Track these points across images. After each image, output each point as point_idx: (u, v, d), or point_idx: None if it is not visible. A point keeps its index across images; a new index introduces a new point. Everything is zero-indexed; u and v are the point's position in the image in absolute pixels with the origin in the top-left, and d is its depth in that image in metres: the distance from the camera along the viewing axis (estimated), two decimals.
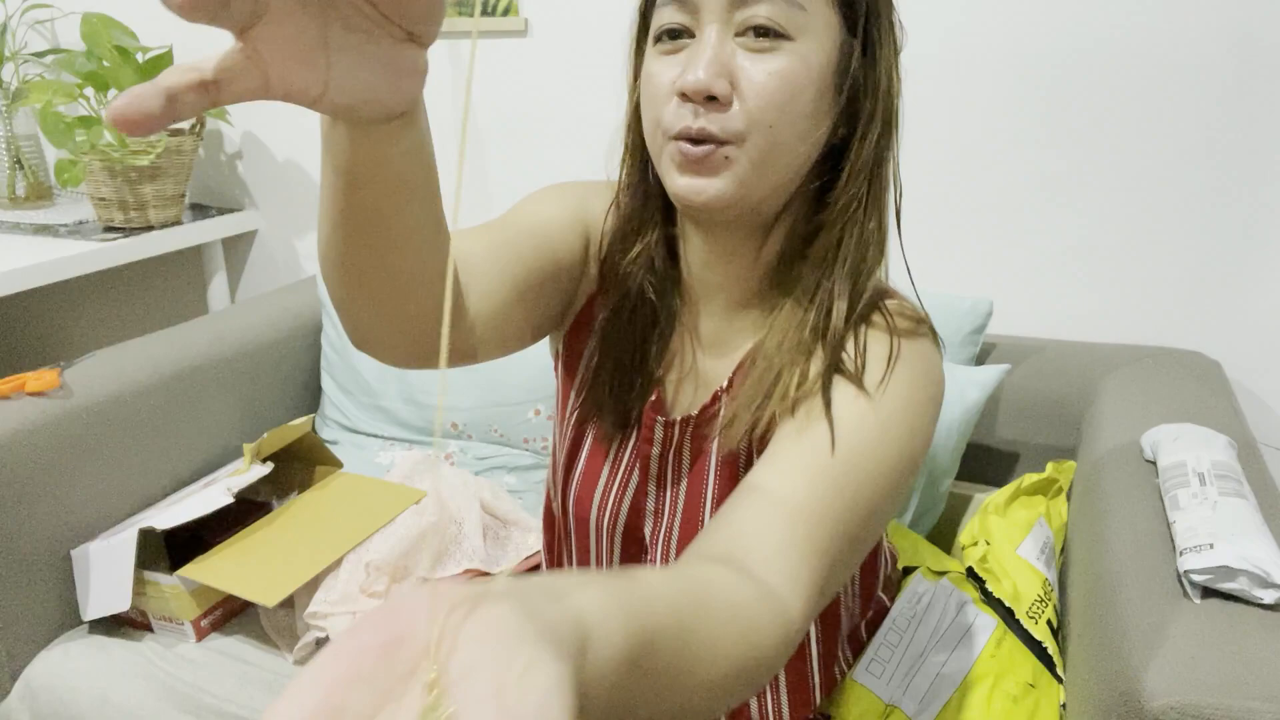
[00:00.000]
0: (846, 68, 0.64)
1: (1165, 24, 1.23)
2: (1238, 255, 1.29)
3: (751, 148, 0.63)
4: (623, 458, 0.79)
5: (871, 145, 0.65)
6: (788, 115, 0.62)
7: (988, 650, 0.93)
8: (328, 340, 1.60)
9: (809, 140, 0.65)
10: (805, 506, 0.60)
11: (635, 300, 0.74)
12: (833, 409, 0.65)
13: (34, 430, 1.18)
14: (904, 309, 0.71)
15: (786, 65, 0.61)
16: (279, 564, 1.15)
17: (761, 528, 0.58)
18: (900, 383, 0.66)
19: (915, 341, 0.69)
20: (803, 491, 0.61)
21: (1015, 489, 1.13)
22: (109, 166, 1.64)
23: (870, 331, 0.69)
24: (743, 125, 0.62)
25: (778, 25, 0.61)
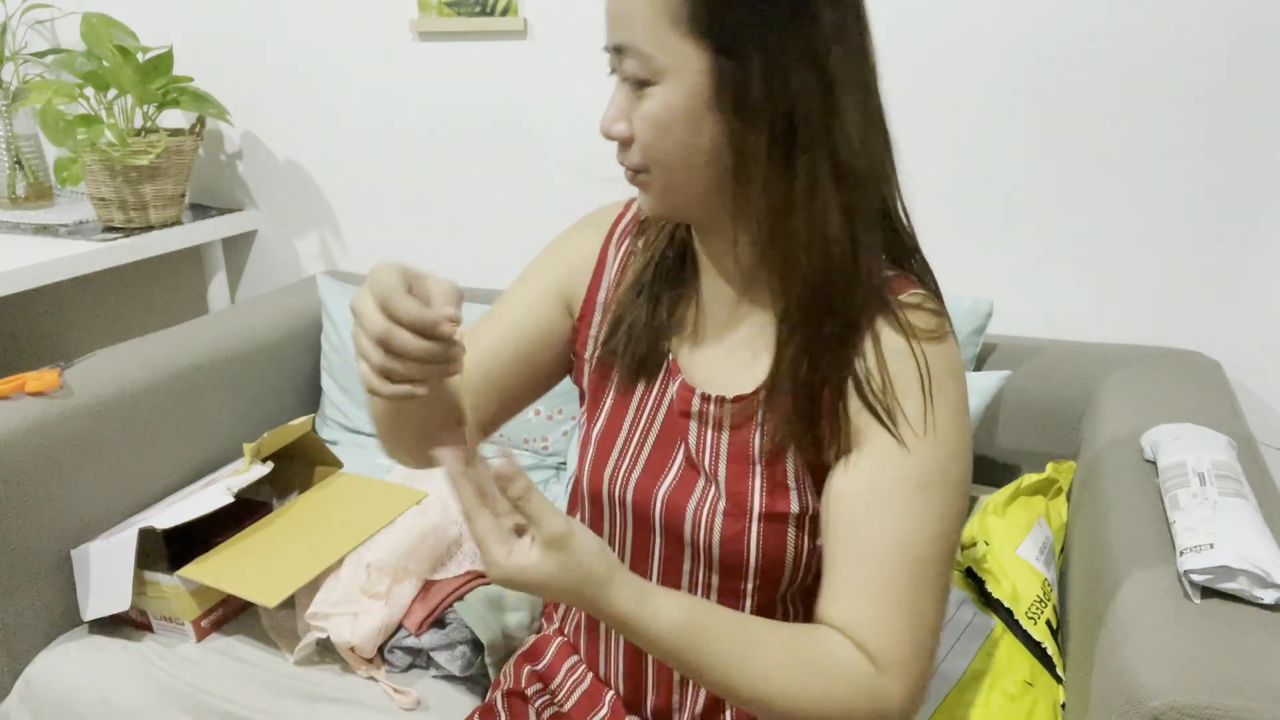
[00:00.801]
0: (729, 90, 0.66)
1: (1165, 24, 1.23)
2: (1238, 255, 1.29)
3: (655, 176, 0.70)
4: (638, 425, 0.82)
5: (762, 154, 0.67)
6: (667, 149, 0.68)
7: (985, 649, 0.93)
8: (328, 340, 1.60)
9: (705, 162, 0.68)
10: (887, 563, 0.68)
11: (659, 270, 0.80)
12: (882, 455, 0.70)
13: (34, 430, 1.18)
14: (923, 304, 0.72)
15: (653, 108, 0.67)
16: (279, 564, 1.15)
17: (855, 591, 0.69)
18: (942, 412, 0.70)
19: (939, 347, 0.71)
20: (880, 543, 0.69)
21: (1015, 489, 1.13)
22: (109, 166, 1.64)
23: (888, 353, 0.70)
24: (640, 160, 0.70)
25: (640, 75, 0.67)
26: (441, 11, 1.61)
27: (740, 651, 0.67)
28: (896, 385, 0.70)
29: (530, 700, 0.93)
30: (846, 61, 0.67)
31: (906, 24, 1.35)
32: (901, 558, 0.68)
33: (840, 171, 0.68)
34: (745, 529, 0.75)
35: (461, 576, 1.18)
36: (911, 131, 1.39)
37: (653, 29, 0.65)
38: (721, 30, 0.64)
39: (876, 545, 0.69)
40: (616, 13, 0.68)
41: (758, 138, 0.66)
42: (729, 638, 0.68)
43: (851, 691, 0.67)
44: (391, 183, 1.77)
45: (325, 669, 1.12)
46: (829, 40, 0.65)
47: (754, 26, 0.64)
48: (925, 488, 0.69)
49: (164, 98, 1.67)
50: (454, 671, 1.08)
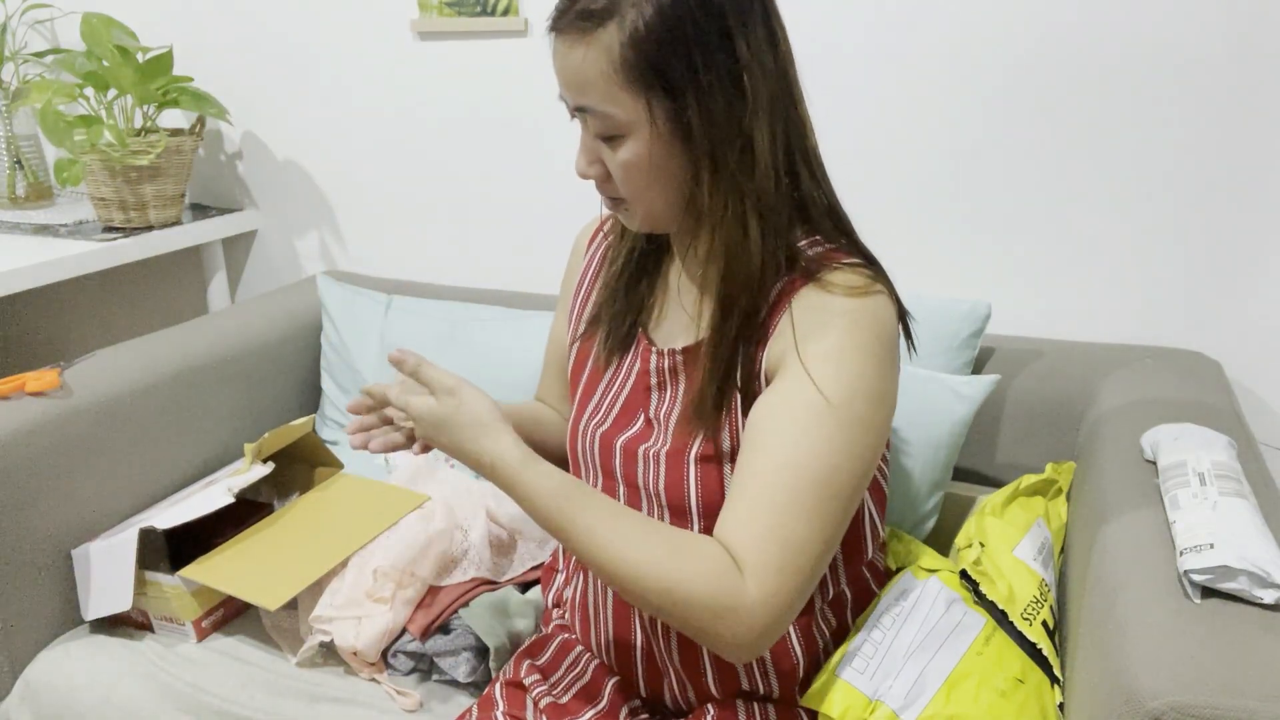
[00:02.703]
0: (677, 126, 0.75)
1: (1164, 23, 1.23)
2: (1238, 255, 1.29)
3: (635, 205, 0.81)
4: (610, 389, 0.92)
5: (705, 172, 0.76)
6: (643, 185, 0.78)
7: (975, 647, 0.93)
8: (328, 340, 1.61)
9: (675, 187, 0.79)
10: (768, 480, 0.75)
11: (632, 259, 0.93)
12: (791, 391, 0.77)
13: (34, 430, 1.18)
14: (855, 269, 0.80)
15: (626, 157, 0.77)
16: (281, 566, 1.15)
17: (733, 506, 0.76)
18: (850, 352, 0.76)
19: (860, 300, 0.77)
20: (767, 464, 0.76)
21: (1014, 490, 1.13)
22: (109, 166, 1.64)
23: (804, 308, 0.79)
24: (622, 194, 0.81)
25: (609, 133, 0.77)
26: (441, 11, 1.61)
27: (611, 521, 0.76)
28: (806, 328, 0.77)
29: (528, 690, 0.96)
30: (762, 83, 0.76)
31: (904, 24, 1.35)
32: (781, 476, 0.74)
33: (761, 187, 0.77)
34: (685, 473, 0.84)
35: (467, 583, 1.18)
36: (910, 132, 1.39)
37: (607, 92, 0.75)
38: (662, 78, 0.74)
39: (762, 464, 0.75)
40: (571, 80, 0.77)
41: (701, 159, 0.76)
42: (604, 507, 0.77)
43: (707, 576, 0.72)
44: (392, 183, 1.77)
45: (327, 670, 1.12)
46: (745, 67, 0.75)
47: (685, 68, 0.73)
48: (820, 417, 0.74)
49: (164, 98, 1.67)
50: (457, 677, 1.08)
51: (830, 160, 1.45)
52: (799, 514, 0.73)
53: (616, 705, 0.94)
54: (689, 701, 0.93)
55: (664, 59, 0.73)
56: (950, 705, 0.87)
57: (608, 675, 0.96)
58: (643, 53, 0.73)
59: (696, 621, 0.73)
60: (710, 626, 0.73)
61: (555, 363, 1.10)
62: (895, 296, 0.81)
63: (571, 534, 0.76)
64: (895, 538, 1.19)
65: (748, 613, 0.72)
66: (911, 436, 1.21)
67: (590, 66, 0.74)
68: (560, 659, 1.00)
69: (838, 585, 0.92)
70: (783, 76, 0.77)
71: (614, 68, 0.73)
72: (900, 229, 1.44)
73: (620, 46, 0.73)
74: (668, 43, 0.72)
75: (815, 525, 0.74)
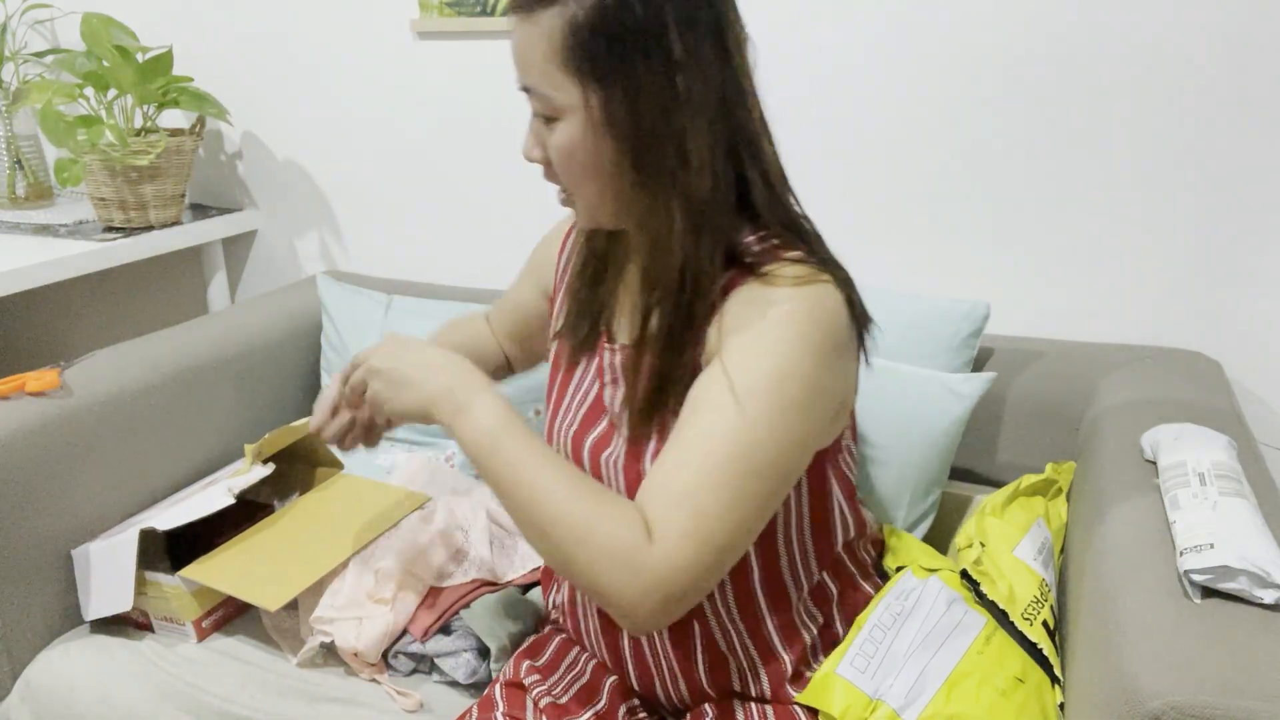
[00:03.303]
0: (606, 117, 0.77)
1: (1163, 22, 1.23)
2: (1238, 255, 1.29)
3: (575, 196, 0.83)
4: (579, 389, 0.94)
5: (629, 169, 0.78)
6: (578, 174, 0.80)
7: (975, 646, 0.93)
8: (328, 340, 1.60)
9: (609, 180, 0.80)
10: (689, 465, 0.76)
11: (591, 261, 0.95)
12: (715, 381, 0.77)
13: (34, 430, 1.18)
14: (799, 260, 0.80)
15: (559, 140, 0.79)
16: (281, 567, 1.15)
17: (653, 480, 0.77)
18: (779, 336, 0.76)
19: (798, 289, 0.78)
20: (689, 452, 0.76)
21: (1014, 490, 1.13)
22: (109, 166, 1.64)
23: (739, 301, 0.79)
24: (562, 182, 0.82)
25: (546, 112, 0.79)
26: (442, 11, 1.61)
27: (542, 459, 0.77)
28: (740, 318, 0.78)
29: (528, 690, 0.97)
30: (700, 86, 0.76)
31: (902, 24, 1.35)
32: (698, 446, 0.75)
33: (690, 186, 0.77)
34: (641, 472, 0.84)
35: (468, 584, 1.17)
36: (910, 132, 1.39)
37: (546, 72, 0.77)
38: (592, 67, 0.75)
39: (682, 438, 0.76)
40: (519, 58, 0.78)
41: (628, 153, 0.77)
42: (539, 453, 0.78)
43: (615, 528, 0.73)
44: (392, 182, 1.77)
45: (327, 671, 1.12)
46: (681, 69, 0.75)
47: (616, 61, 0.75)
48: (749, 396, 0.75)
49: (164, 98, 1.67)
50: (458, 679, 1.08)
51: (830, 160, 1.45)
52: (712, 486, 0.73)
53: (615, 705, 0.94)
54: (682, 698, 0.94)
55: (599, 49, 0.75)
56: (951, 704, 0.87)
57: (606, 675, 0.97)
58: (579, 40, 0.75)
59: (597, 580, 0.73)
60: (611, 588, 0.73)
61: (508, 303, 1.15)
62: (849, 292, 0.81)
63: (500, 482, 0.78)
64: (894, 536, 1.19)
65: (648, 572, 0.72)
66: (908, 434, 1.21)
67: (533, 47, 0.77)
68: (559, 659, 1.01)
69: (812, 575, 0.92)
70: (730, 81, 0.78)
71: (553, 50, 0.76)
72: (900, 229, 1.44)
73: (560, 30, 0.75)
74: (603, 34, 0.74)
75: (728, 499, 0.74)
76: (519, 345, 1.16)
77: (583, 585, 0.75)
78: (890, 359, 1.26)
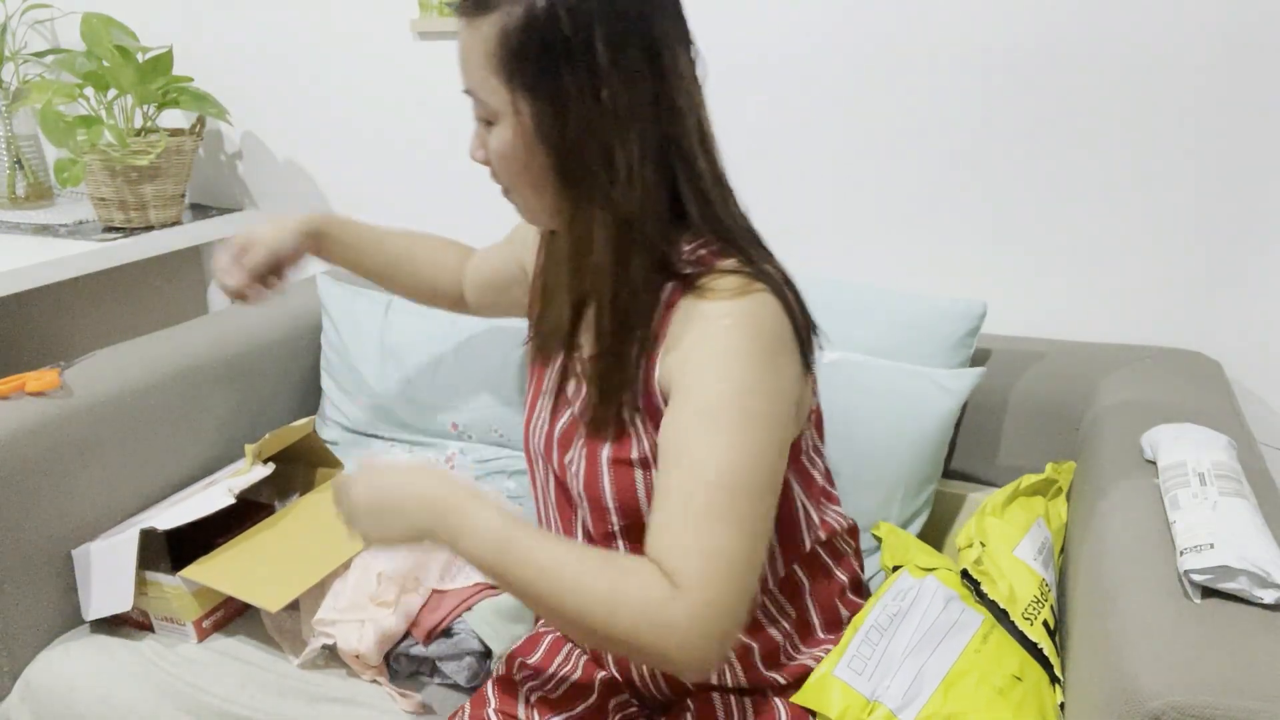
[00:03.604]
0: (534, 125, 0.79)
1: (1164, 22, 1.23)
2: (1238, 255, 1.29)
3: (514, 195, 0.86)
4: (547, 389, 0.95)
5: (556, 179, 0.80)
6: (514, 175, 0.83)
7: (973, 644, 0.93)
8: (328, 340, 1.60)
9: (539, 185, 0.82)
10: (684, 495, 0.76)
11: (548, 258, 0.97)
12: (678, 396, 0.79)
13: (34, 430, 1.18)
14: (733, 270, 0.81)
15: (496, 144, 0.81)
16: (282, 568, 1.15)
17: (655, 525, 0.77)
18: (732, 352, 0.78)
19: (736, 302, 0.79)
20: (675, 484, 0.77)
21: (1014, 490, 1.13)
22: (109, 166, 1.64)
23: (683, 318, 0.81)
24: (502, 181, 0.85)
25: (484, 116, 0.82)
26: (442, 11, 1.61)
27: (548, 574, 0.75)
28: (689, 339, 0.79)
29: (520, 686, 0.98)
30: (627, 100, 0.77)
31: (900, 23, 1.35)
32: (689, 487, 0.75)
33: (617, 197, 0.79)
34: (599, 473, 0.86)
35: (470, 587, 1.17)
36: (907, 130, 1.39)
37: (482, 78, 0.79)
38: (523, 74, 0.77)
39: (675, 478, 0.76)
40: (461, 61, 0.81)
41: (554, 164, 0.80)
42: (538, 558, 0.75)
43: (643, 600, 0.72)
44: (392, 182, 1.77)
45: (328, 671, 1.12)
46: (606, 82, 0.77)
47: (543, 70, 0.77)
48: (714, 421, 0.76)
49: (164, 98, 1.67)
50: (460, 681, 1.09)
51: (829, 159, 1.45)
52: (714, 520, 0.74)
53: (606, 700, 0.96)
54: (662, 690, 0.95)
55: (527, 59, 0.77)
56: (948, 704, 0.87)
57: (597, 671, 0.98)
58: (510, 48, 0.77)
59: (641, 644, 0.73)
60: (655, 646, 0.73)
61: (488, 256, 1.17)
62: (784, 298, 0.82)
63: (512, 588, 0.77)
64: (893, 534, 1.19)
65: (687, 625, 0.72)
66: (897, 431, 1.21)
67: (472, 51, 0.79)
68: (552, 657, 1.02)
69: (777, 572, 0.93)
70: (663, 95, 0.79)
71: (488, 56, 0.78)
72: (900, 228, 1.44)
73: (495, 38, 0.77)
74: (531, 44, 0.76)
75: (732, 527, 0.74)
76: (480, 295, 1.19)
77: (630, 654, 0.74)
78: (886, 358, 1.26)
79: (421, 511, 0.79)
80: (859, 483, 1.22)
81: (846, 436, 1.22)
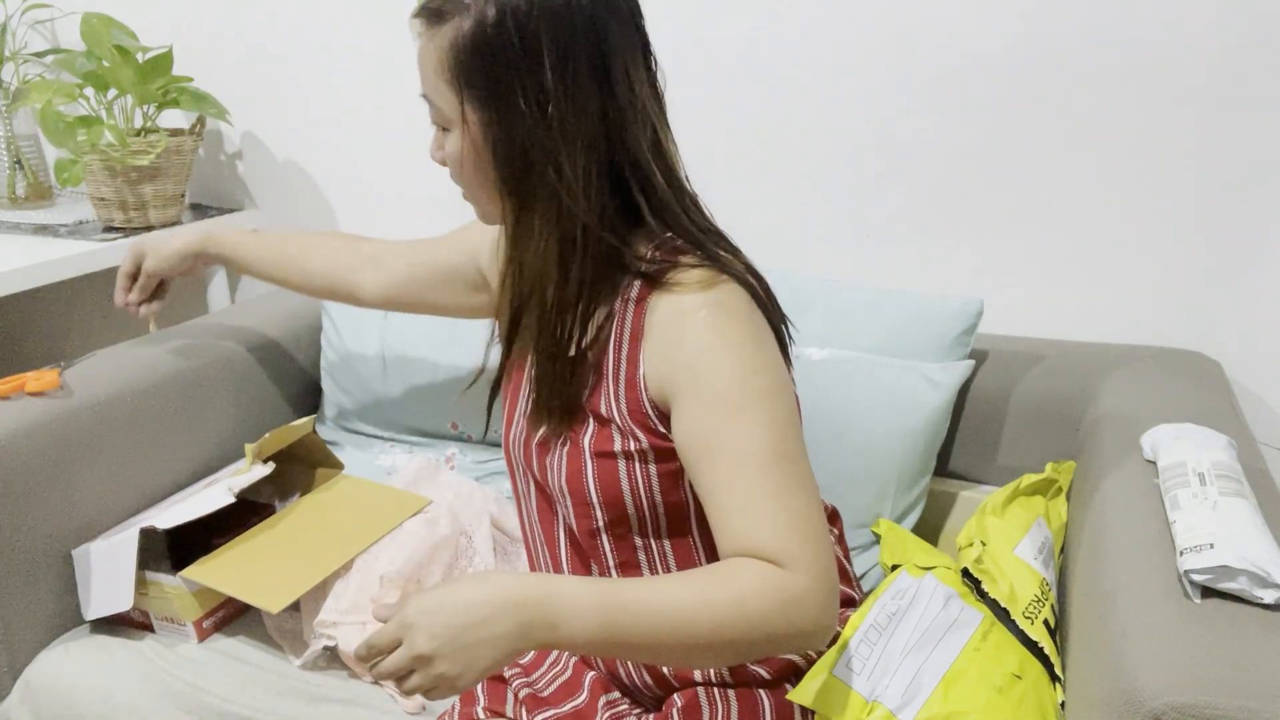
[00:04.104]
0: (484, 133, 0.81)
1: (1164, 21, 1.23)
2: (1238, 255, 1.29)
3: (470, 197, 0.89)
4: (522, 392, 0.95)
5: (501, 185, 0.82)
6: (468, 179, 0.86)
7: (972, 643, 0.93)
8: (328, 340, 1.60)
9: (493, 191, 0.84)
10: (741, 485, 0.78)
11: None
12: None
13: (34, 430, 1.18)
14: (696, 265, 0.83)
15: (451, 149, 0.85)
16: (283, 568, 1.15)
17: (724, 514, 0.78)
18: (720, 342, 0.79)
19: (708, 294, 0.81)
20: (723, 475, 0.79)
21: (1014, 489, 1.13)
22: (109, 166, 1.64)
23: (660, 318, 0.83)
24: (459, 183, 0.88)
25: (439, 122, 0.85)
26: None
27: (659, 629, 0.73)
28: (673, 338, 0.81)
29: (508, 682, 0.99)
30: (574, 113, 0.79)
31: (900, 22, 1.35)
32: (748, 473, 0.77)
33: (562, 208, 0.80)
34: (583, 467, 0.87)
35: None
36: (906, 128, 1.39)
37: (437, 86, 0.82)
38: (472, 85, 0.80)
39: (723, 473, 0.77)
40: (419, 66, 0.84)
41: (500, 173, 0.82)
42: (643, 618, 0.73)
43: (764, 592, 0.73)
44: (392, 183, 1.77)
45: (329, 672, 1.12)
46: (553, 97, 0.78)
47: (491, 79, 0.79)
48: (736, 409, 0.78)
49: (164, 98, 1.67)
50: None
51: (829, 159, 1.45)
52: (784, 492, 0.77)
53: (595, 697, 0.97)
54: (648, 685, 0.96)
55: (475, 71, 0.79)
56: (948, 704, 0.87)
57: (587, 671, 0.99)
58: (460, 60, 0.79)
59: (778, 634, 0.74)
60: (792, 628, 0.74)
61: (426, 250, 1.18)
62: (749, 282, 0.84)
63: (633, 648, 0.74)
64: (892, 532, 1.19)
65: (811, 596, 0.74)
66: (888, 425, 1.21)
67: (427, 59, 0.82)
68: (543, 657, 1.03)
69: None
70: (613, 108, 0.80)
71: (441, 64, 0.81)
72: (899, 228, 1.44)
73: (447, 48, 0.80)
74: (480, 57, 0.78)
75: (800, 492, 0.78)
76: (402, 288, 1.19)
77: (770, 650, 0.76)
78: (881, 356, 1.26)
79: (508, 621, 0.71)
80: (851, 478, 1.22)
81: (838, 432, 1.22)
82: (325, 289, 1.25)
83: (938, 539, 1.32)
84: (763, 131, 1.47)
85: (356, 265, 1.22)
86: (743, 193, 1.50)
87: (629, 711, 0.97)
